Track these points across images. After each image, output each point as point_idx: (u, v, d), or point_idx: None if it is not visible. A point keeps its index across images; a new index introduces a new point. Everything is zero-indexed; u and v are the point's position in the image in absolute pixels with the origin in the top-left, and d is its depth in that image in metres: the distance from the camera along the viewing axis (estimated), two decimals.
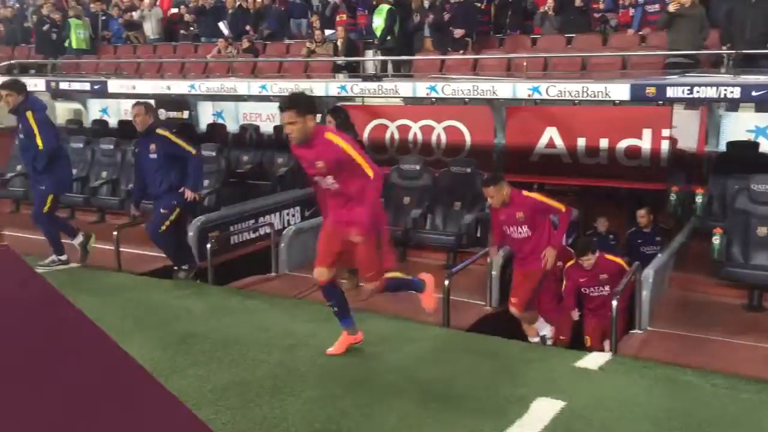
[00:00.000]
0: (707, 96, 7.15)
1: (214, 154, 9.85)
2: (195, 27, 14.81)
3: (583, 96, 7.87)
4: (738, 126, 8.76)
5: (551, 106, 8.93)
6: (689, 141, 8.77)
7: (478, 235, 7.93)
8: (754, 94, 7.03)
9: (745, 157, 8.00)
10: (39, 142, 6.91)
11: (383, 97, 9.46)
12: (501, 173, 6.54)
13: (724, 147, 8.59)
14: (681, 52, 9.01)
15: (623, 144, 8.46)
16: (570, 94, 7.87)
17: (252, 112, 12.03)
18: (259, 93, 9.84)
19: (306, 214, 9.15)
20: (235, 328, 5.49)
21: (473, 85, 8.46)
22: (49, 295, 2.08)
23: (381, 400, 4.17)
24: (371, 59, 11.57)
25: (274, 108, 11.10)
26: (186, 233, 7.45)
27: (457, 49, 11.20)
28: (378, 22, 11.55)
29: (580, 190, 9.03)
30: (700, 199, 7.75)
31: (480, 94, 8.36)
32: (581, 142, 8.67)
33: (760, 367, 5.17)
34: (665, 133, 8.23)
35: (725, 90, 7.00)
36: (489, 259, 6.65)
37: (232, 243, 8.30)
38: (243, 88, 10.05)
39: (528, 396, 4.25)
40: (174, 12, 15.92)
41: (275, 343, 5.08)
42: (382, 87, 9.13)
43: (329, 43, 12.14)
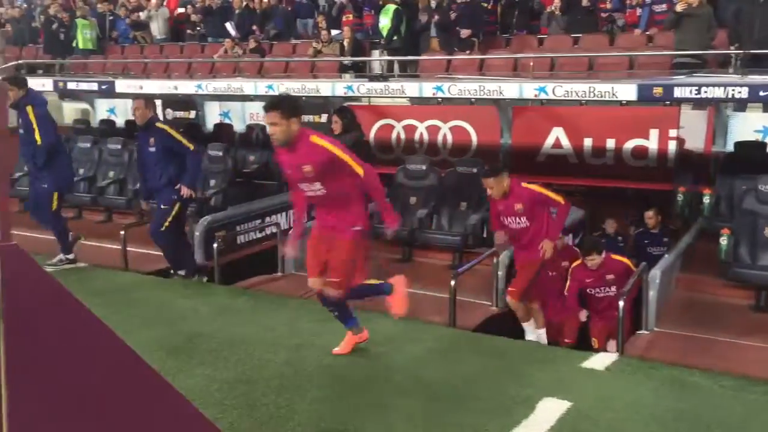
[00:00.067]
0: (715, 96, 7.13)
1: (221, 153, 9.87)
2: (202, 27, 14.83)
3: (589, 96, 7.86)
4: (746, 126, 8.72)
5: (558, 106, 8.90)
6: (697, 141, 8.73)
7: (484, 235, 7.92)
8: (762, 94, 7.00)
9: (752, 158, 7.96)
10: (37, 137, 6.93)
11: (389, 97, 9.46)
12: (502, 164, 6.47)
13: (731, 147, 8.56)
14: (688, 52, 8.97)
15: (630, 144, 8.42)
16: (577, 94, 7.86)
17: (258, 112, 12.01)
18: (265, 93, 9.85)
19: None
20: (241, 328, 5.51)
21: (480, 85, 8.45)
22: (59, 294, 2.09)
23: (387, 400, 4.18)
24: (378, 59, 11.58)
25: None
26: (185, 237, 7.38)
27: (464, 49, 11.19)
28: (384, 22, 11.55)
29: (587, 191, 9.01)
30: (707, 199, 7.72)
31: (486, 94, 8.36)
32: (588, 143, 8.64)
33: None
34: (672, 133, 8.19)
35: (733, 90, 6.98)
36: (495, 260, 6.64)
37: (239, 243, 8.32)
38: (250, 88, 10.07)
39: (534, 396, 4.25)
40: (181, 12, 15.95)
41: (281, 343, 5.10)
42: (389, 87, 9.13)
43: (336, 43, 12.13)
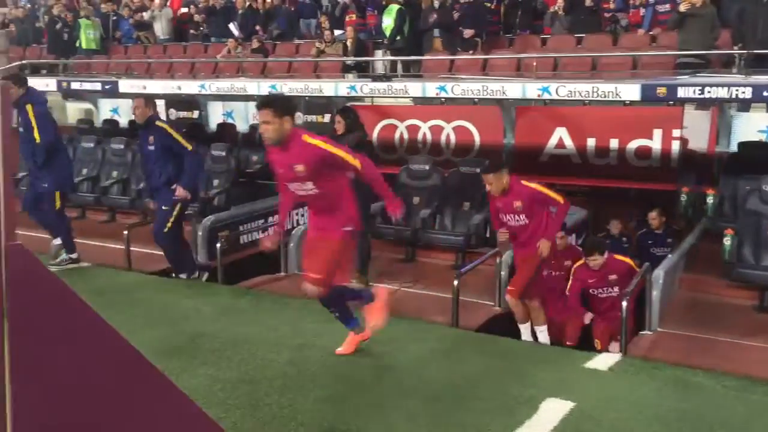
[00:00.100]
0: (718, 96, 7.13)
1: (224, 153, 9.88)
2: (205, 27, 14.84)
3: (593, 96, 7.86)
4: (749, 126, 8.71)
5: (561, 106, 8.89)
6: (700, 141, 8.72)
7: (487, 235, 7.92)
8: (765, 94, 7.00)
9: (756, 158, 7.94)
10: (36, 135, 6.94)
11: (393, 97, 9.46)
12: (502, 161, 6.45)
13: (735, 147, 8.54)
14: (692, 52, 8.96)
15: (633, 144, 8.41)
16: (580, 94, 7.86)
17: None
18: (268, 93, 9.88)
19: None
20: (244, 328, 5.51)
21: (483, 85, 8.45)
22: (63, 294, 2.10)
23: (390, 400, 4.18)
24: (381, 59, 11.57)
25: None
26: (184, 240, 7.34)
27: (467, 49, 11.18)
28: (388, 22, 11.55)
29: (590, 191, 9.00)
30: (711, 199, 7.71)
31: (489, 95, 8.36)
32: (591, 143, 8.63)
33: None
34: (676, 133, 8.18)
35: (737, 90, 6.97)
36: (498, 260, 6.63)
37: (242, 243, 8.33)
38: (253, 88, 10.08)
39: (537, 396, 4.25)
40: (184, 12, 15.95)
41: (284, 343, 5.10)
42: (392, 87, 9.13)
43: (339, 43, 12.13)
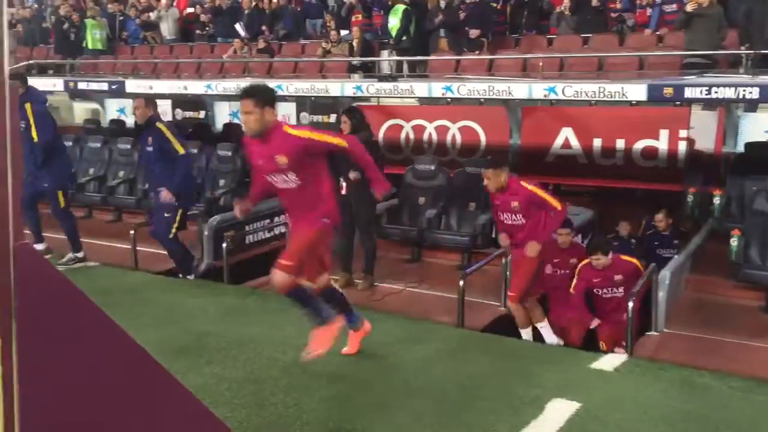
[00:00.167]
0: (725, 96, 7.11)
1: (230, 153, 9.90)
2: (211, 27, 14.87)
3: (599, 96, 7.84)
4: (757, 127, 8.69)
5: (567, 106, 8.89)
6: (707, 142, 8.69)
7: (493, 235, 7.91)
8: None
9: (763, 158, 7.91)
10: (34, 134, 6.97)
11: (399, 97, 9.46)
12: (509, 161, 6.45)
13: (742, 148, 8.52)
14: (699, 52, 8.94)
15: (640, 145, 8.40)
16: (586, 94, 7.85)
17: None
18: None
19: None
20: (250, 327, 5.52)
21: (489, 86, 8.44)
22: (71, 293, 2.11)
23: (395, 400, 4.18)
24: (387, 59, 11.57)
25: (290, 108, 11.17)
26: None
27: (473, 50, 11.17)
28: (393, 22, 11.54)
29: (596, 191, 8.98)
30: (717, 200, 7.70)
31: (495, 95, 8.35)
32: (597, 143, 8.62)
33: None
34: (683, 133, 8.16)
35: (744, 90, 6.95)
36: (504, 260, 6.62)
37: (247, 242, 8.34)
38: None
39: (543, 397, 4.24)
40: (190, 12, 15.99)
41: (290, 342, 5.09)
42: (398, 87, 9.14)
43: (345, 44, 12.14)
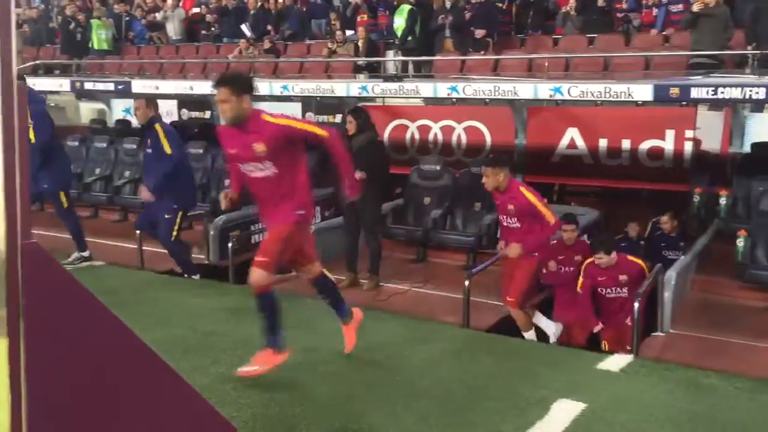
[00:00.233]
0: (732, 97, 7.07)
1: None
2: (217, 27, 14.90)
3: (605, 96, 7.81)
4: (763, 127, 8.65)
5: (573, 106, 8.87)
6: (713, 142, 8.68)
7: (498, 235, 7.90)
8: None
9: None
10: (31, 135, 6.96)
11: (404, 97, 9.45)
12: (509, 161, 6.45)
13: (748, 148, 8.49)
14: (705, 52, 8.91)
15: (646, 145, 8.38)
16: (592, 94, 7.82)
17: (273, 113, 12.05)
18: (280, 93, 9.90)
19: (326, 214, 9.18)
20: (256, 327, 5.48)
21: (494, 86, 8.43)
22: (78, 292, 2.12)
23: (401, 400, 4.18)
24: (392, 60, 11.57)
25: (296, 108, 11.17)
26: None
27: (478, 50, 11.17)
28: (399, 23, 11.55)
29: (602, 192, 8.96)
30: (723, 200, 7.67)
31: (501, 95, 8.33)
32: (603, 143, 8.61)
33: None
34: (689, 134, 8.14)
35: (750, 90, 6.92)
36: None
37: (253, 242, 8.34)
38: (264, 88, 10.09)
39: (549, 397, 4.24)
40: (196, 12, 16.02)
41: (296, 342, 5.10)
42: (403, 87, 9.13)
43: (350, 44, 12.15)
